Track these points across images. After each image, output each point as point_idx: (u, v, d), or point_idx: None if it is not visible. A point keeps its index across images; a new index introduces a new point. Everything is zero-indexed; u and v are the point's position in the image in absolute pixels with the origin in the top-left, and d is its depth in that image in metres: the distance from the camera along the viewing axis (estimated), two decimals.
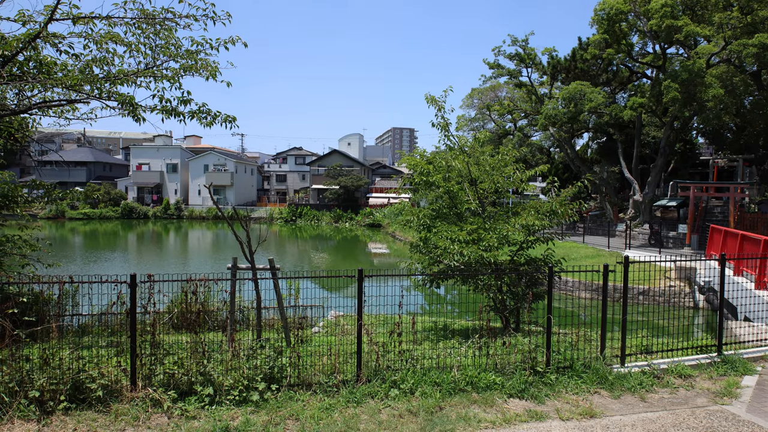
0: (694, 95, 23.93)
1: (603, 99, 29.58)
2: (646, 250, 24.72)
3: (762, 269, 12.20)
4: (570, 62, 34.23)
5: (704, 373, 7.15)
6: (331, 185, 65.79)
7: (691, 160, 40.50)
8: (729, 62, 26.82)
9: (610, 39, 28.62)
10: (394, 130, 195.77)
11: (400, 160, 66.49)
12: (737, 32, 23.86)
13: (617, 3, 27.47)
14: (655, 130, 37.15)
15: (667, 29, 24.30)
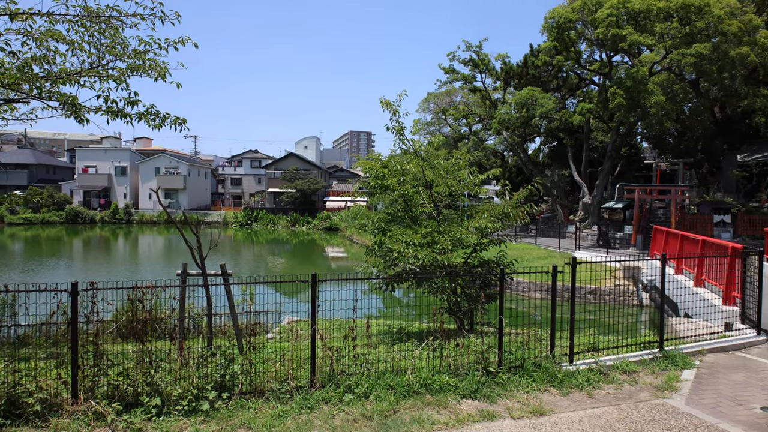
0: (638, 101, 24.99)
1: (553, 104, 30.50)
2: (594, 251, 25.60)
3: (700, 268, 12.82)
4: (522, 68, 35.14)
5: (647, 368, 7.44)
6: (287, 189, 65.07)
7: (636, 163, 42.27)
8: (670, 70, 28.18)
9: (560, 46, 29.55)
10: (351, 133, 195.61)
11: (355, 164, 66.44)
12: (677, 42, 25.09)
13: (566, 12, 28.40)
14: (602, 135, 38.57)
15: (613, 38, 25.30)
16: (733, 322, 9.73)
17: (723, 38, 24.09)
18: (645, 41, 25.26)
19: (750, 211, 28.16)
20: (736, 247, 10.44)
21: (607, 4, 25.75)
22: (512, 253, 25.96)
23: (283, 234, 56.45)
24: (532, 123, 31.90)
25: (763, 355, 8.28)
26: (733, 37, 23.98)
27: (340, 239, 51.52)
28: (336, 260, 38.11)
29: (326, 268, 34.23)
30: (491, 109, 37.79)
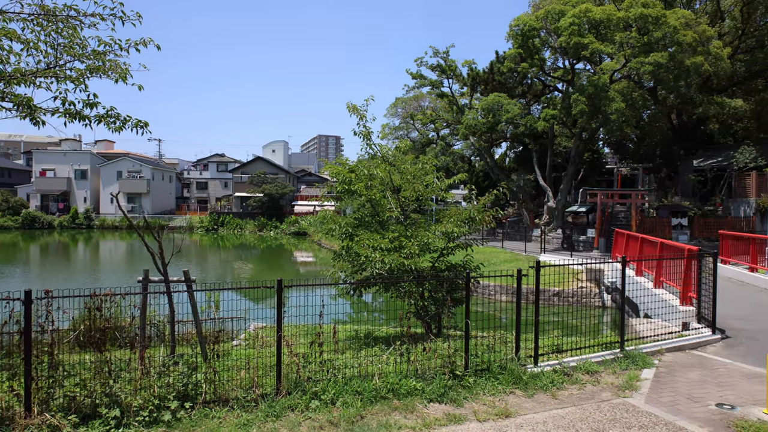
0: (600, 108, 25.68)
1: (519, 110, 31.04)
2: (559, 254, 26.12)
3: (659, 269, 13.23)
4: (488, 74, 35.66)
5: (609, 368, 7.62)
6: (255, 193, 64.30)
7: (598, 168, 43.42)
8: (629, 78, 29.07)
9: (525, 54, 30.13)
10: (320, 137, 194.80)
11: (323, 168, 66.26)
12: (636, 51, 25.92)
13: (530, 20, 28.98)
14: (566, 141, 39.47)
15: (575, 46, 25.95)
16: (690, 321, 10.06)
17: (679, 48, 25.01)
18: (606, 50, 26.00)
19: (705, 215, 29.25)
20: (691, 249, 10.82)
21: (569, 13, 26.40)
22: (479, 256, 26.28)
23: (250, 239, 55.71)
24: (498, 128, 32.38)
25: (717, 353, 8.59)
26: (688, 47, 24.92)
27: (308, 244, 51.16)
28: (304, 265, 37.81)
29: (294, 273, 33.93)
30: (458, 114, 38.21)
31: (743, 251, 17.30)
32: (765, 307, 12.49)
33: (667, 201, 33.08)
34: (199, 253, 43.99)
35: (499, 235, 35.69)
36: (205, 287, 8.21)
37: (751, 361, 8.02)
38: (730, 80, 32.50)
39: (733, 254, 17.91)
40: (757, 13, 30.00)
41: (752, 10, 29.79)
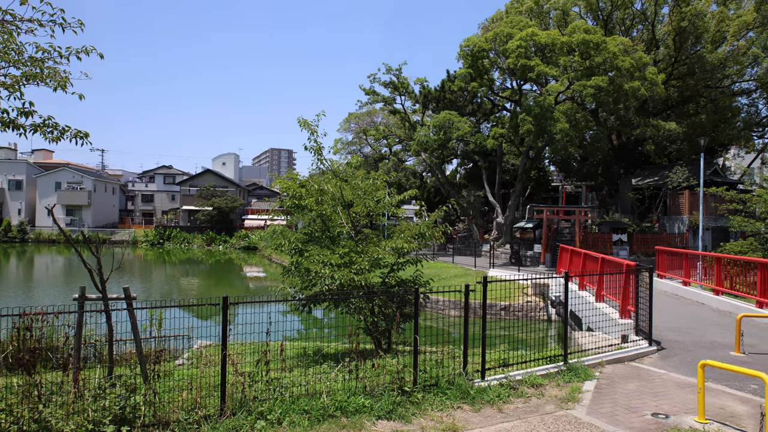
0: (545, 128, 26.66)
1: (469, 128, 31.83)
2: (507, 269, 26.73)
3: (600, 284, 13.76)
4: (440, 92, 36.44)
5: (553, 381, 7.82)
6: (203, 206, 62.72)
7: (544, 185, 44.93)
8: (573, 100, 30.38)
9: (474, 73, 31.00)
10: (272, 150, 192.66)
11: (273, 183, 65.30)
12: (579, 74, 27.16)
13: (480, 41, 29.88)
14: (514, 158, 40.69)
15: (522, 68, 26.92)
16: (628, 334, 10.47)
17: (618, 73, 26.38)
18: (551, 72, 27.10)
19: (643, 231, 30.71)
20: (630, 264, 11.31)
21: (516, 36, 27.41)
22: (430, 271, 26.49)
23: (198, 253, 54.15)
24: (449, 145, 33.04)
25: (654, 364, 8.97)
26: (626, 72, 26.32)
27: (258, 259, 50.22)
28: (254, 280, 37.04)
29: (244, 288, 33.19)
30: (410, 130, 38.76)
31: (678, 266, 18.24)
32: (697, 319, 13.17)
33: (608, 218, 34.52)
34: (143, 269, 42.36)
35: (450, 250, 36.23)
36: (148, 304, 7.90)
37: (684, 371, 8.41)
38: (664, 104, 34.50)
39: (669, 269, 18.85)
40: (687, 42, 32.07)
41: (683, 39, 31.82)
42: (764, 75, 33.19)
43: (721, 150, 39.56)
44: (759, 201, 22.06)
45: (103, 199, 67.97)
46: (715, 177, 31.81)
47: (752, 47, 31.67)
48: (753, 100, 36.69)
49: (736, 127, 34.31)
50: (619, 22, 35.22)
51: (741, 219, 22.43)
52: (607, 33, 31.80)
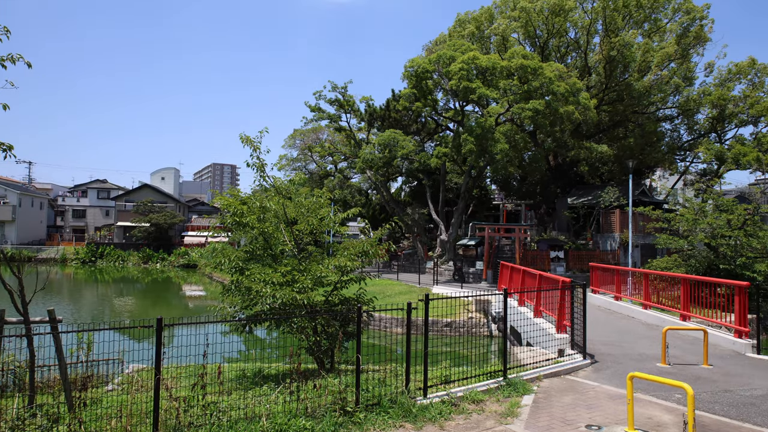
0: (486, 148, 27.50)
1: (414, 147, 32.35)
2: (451, 286, 27.13)
3: (538, 300, 14.21)
4: (385, 111, 36.91)
5: (493, 396, 7.97)
6: (140, 222, 60.24)
7: (486, 204, 46.14)
8: (512, 122, 31.54)
9: (419, 94, 31.65)
10: (214, 165, 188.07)
11: (213, 199, 63.75)
12: (517, 97, 28.27)
13: (424, 63, 30.59)
14: (457, 177, 41.63)
15: (464, 90, 27.73)
16: (565, 348, 10.84)
17: (554, 97, 27.65)
18: (491, 95, 28.06)
19: (578, 248, 32.04)
20: (565, 281, 11.76)
21: (459, 59, 28.25)
22: (375, 289, 26.46)
23: (133, 272, 51.79)
24: (394, 163, 33.43)
25: (588, 377, 9.32)
26: (561, 97, 27.63)
27: (198, 277, 48.63)
28: (194, 300, 35.77)
29: (182, 308, 31.97)
30: (356, 148, 38.95)
31: (610, 281, 19.12)
32: (627, 332, 13.83)
33: (546, 235, 35.82)
34: (73, 289, 40.03)
35: (395, 268, 36.41)
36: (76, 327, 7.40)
37: (616, 383, 8.78)
38: (596, 128, 36.43)
39: (602, 284, 19.72)
40: (617, 70, 34.11)
41: (613, 68, 33.83)
42: (685, 103, 35.75)
43: (648, 171, 42.12)
44: (682, 220, 23.54)
45: (29, 215, 64.02)
46: (643, 197, 33.75)
47: (674, 77, 34.06)
48: (675, 125, 39.43)
49: (660, 151, 36.67)
50: (555, 49, 37.03)
51: (666, 236, 23.85)
52: (543, 59, 33.35)
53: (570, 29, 36.02)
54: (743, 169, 32.79)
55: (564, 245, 31.52)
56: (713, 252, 22.67)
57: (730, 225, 22.14)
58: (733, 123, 35.84)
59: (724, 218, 22.34)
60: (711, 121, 36.46)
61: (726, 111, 34.77)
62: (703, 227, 22.80)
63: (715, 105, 34.92)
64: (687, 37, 34.61)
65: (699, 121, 37.87)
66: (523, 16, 34.07)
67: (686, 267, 22.27)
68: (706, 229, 22.72)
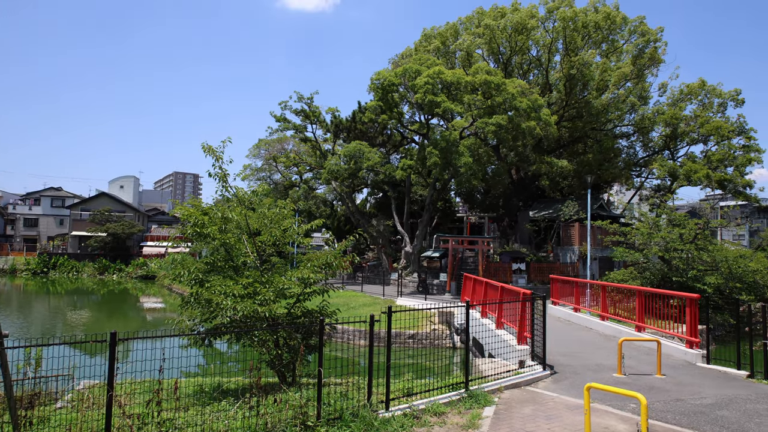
0: (451, 161, 27.86)
1: (379, 159, 32.51)
2: (415, 297, 27.22)
3: (500, 311, 14.40)
4: (351, 123, 37.02)
5: (455, 408, 8.00)
6: (97, 232, 58.29)
7: (450, 216, 46.63)
8: (476, 136, 32.09)
9: (385, 106, 31.89)
10: (176, 174, 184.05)
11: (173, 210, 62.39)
12: (481, 112, 28.82)
13: (390, 76, 30.88)
14: (422, 189, 42.00)
15: (429, 103, 28.10)
16: (525, 359, 11.01)
17: (516, 112, 28.31)
18: (456, 109, 28.53)
19: (540, 260, 32.69)
20: (526, 293, 11.96)
21: (424, 73, 28.65)
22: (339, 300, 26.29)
23: (88, 283, 49.97)
24: (359, 175, 33.47)
25: (548, 388, 9.47)
26: (523, 112, 28.31)
27: (157, 288, 47.29)
28: (152, 312, 34.75)
29: (140, 321, 31.00)
30: (321, 159, 38.87)
31: (569, 293, 19.57)
32: (586, 343, 14.15)
33: (508, 248, 36.42)
34: (23, 301, 38.31)
35: (359, 279, 36.31)
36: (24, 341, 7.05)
37: (574, 393, 8.96)
38: (557, 143, 37.46)
39: (562, 296, 20.16)
40: (576, 88, 35.24)
41: (573, 85, 34.95)
42: (640, 121, 37.20)
43: (606, 186, 43.51)
44: (637, 233, 24.36)
45: None
46: (601, 211, 34.78)
47: (630, 96, 35.43)
48: (632, 142, 40.94)
49: (618, 167, 37.96)
50: (518, 66, 38.00)
51: (623, 250, 24.61)
52: (506, 75, 34.17)
53: (532, 47, 37.05)
54: (694, 185, 34.24)
55: (526, 257, 32.11)
56: (667, 265, 23.52)
57: (683, 239, 23.03)
58: (684, 141, 37.43)
59: (677, 232, 23.23)
60: (664, 138, 37.99)
61: (678, 129, 36.31)
62: (657, 241, 23.64)
63: (668, 123, 36.42)
64: (642, 58, 36.11)
65: (653, 138, 39.43)
66: (487, 33, 34.87)
67: (641, 279, 23.02)
68: (660, 243, 23.57)
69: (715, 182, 33.47)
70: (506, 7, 37.41)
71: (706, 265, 22.63)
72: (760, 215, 48.04)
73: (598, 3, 36.89)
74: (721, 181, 33.58)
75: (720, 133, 34.11)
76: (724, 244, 28.44)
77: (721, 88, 36.48)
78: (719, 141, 34.82)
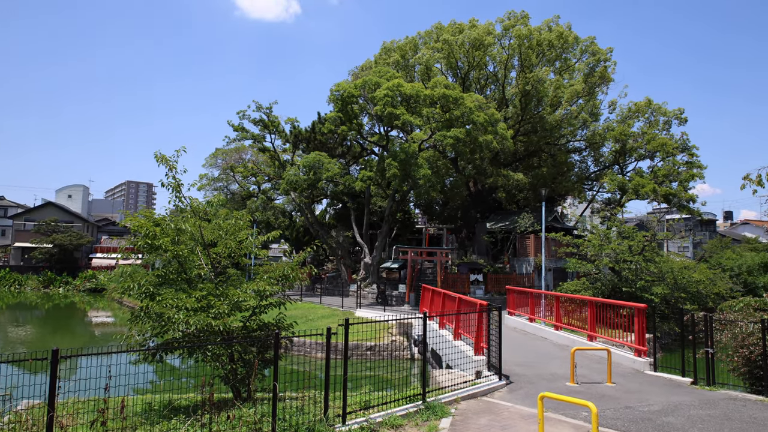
0: (410, 173, 28.10)
1: (339, 170, 32.45)
2: (374, 309, 27.16)
3: (457, 322, 14.53)
4: (310, 133, 36.86)
5: (412, 420, 7.99)
6: (42, 243, 55.64)
7: (410, 227, 46.93)
8: (435, 148, 32.53)
9: (344, 117, 31.93)
10: (128, 183, 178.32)
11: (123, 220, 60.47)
12: (440, 125, 29.25)
13: (349, 87, 30.99)
14: (381, 200, 42.15)
15: (389, 116, 28.32)
16: (482, 370, 11.13)
17: (474, 126, 28.87)
18: (415, 121, 28.86)
19: (497, 271, 33.24)
20: (482, 303, 12.13)
21: (384, 85, 28.88)
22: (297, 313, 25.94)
23: (32, 297, 47.56)
24: (318, 186, 33.31)
25: (503, 398, 9.60)
26: (481, 126, 28.91)
27: (107, 302, 45.49)
28: (101, 327, 33.36)
29: (87, 336, 29.69)
30: (280, 169, 38.49)
31: (525, 304, 19.95)
32: (540, 353, 14.43)
33: (466, 259, 36.89)
34: None
35: (318, 291, 35.98)
36: None
37: (528, 403, 9.11)
38: (513, 157, 38.39)
39: (518, 306, 20.53)
40: (531, 104, 36.31)
41: (528, 101, 35.99)
42: (592, 137, 38.60)
43: (560, 199, 44.82)
44: (589, 245, 25.14)
45: None
46: (555, 223, 35.75)
47: (582, 112, 36.75)
48: (584, 157, 42.42)
49: (570, 180, 39.21)
50: (475, 81, 38.85)
51: (575, 261, 25.34)
52: (464, 90, 34.86)
53: (489, 63, 37.98)
54: (642, 199, 35.68)
55: (483, 269, 32.59)
56: (617, 275, 24.33)
57: (631, 251, 23.91)
58: (633, 156, 39.03)
59: (626, 244, 24.10)
60: (614, 154, 39.51)
61: (627, 145, 37.85)
62: (607, 252, 24.45)
63: (618, 140, 37.92)
64: (593, 77, 37.56)
65: (604, 153, 40.96)
66: (446, 48, 35.53)
67: (593, 290, 23.73)
68: (611, 254, 24.39)
69: (661, 196, 34.98)
70: (464, 23, 38.29)
71: (654, 276, 23.54)
72: (702, 228, 50.49)
73: (552, 22, 38.27)
74: (667, 196, 35.12)
75: (665, 150, 35.72)
76: (670, 256, 29.73)
77: (666, 107, 38.33)
78: (665, 157, 36.46)
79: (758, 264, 33.20)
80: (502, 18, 37.66)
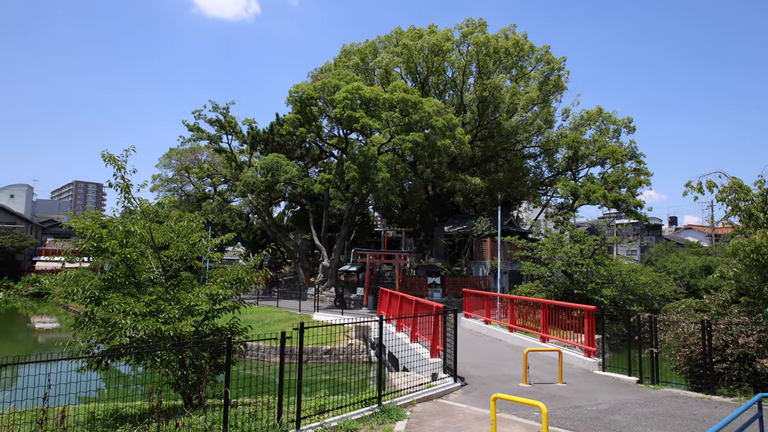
0: (369, 176, 28.11)
1: (297, 172, 32.13)
2: (332, 312, 27.00)
3: (414, 325, 14.61)
4: (269, 135, 36.37)
5: (367, 424, 7.96)
6: None
7: (368, 230, 46.94)
8: (394, 152, 32.69)
9: (303, 119, 31.67)
10: (76, 183, 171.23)
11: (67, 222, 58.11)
12: (399, 129, 29.41)
13: (309, 89, 30.77)
14: (340, 203, 41.96)
15: (348, 118, 28.26)
16: (438, 372, 11.22)
17: (432, 131, 29.17)
18: (374, 125, 28.91)
19: (454, 274, 33.66)
20: (438, 306, 12.24)
21: (343, 88, 28.81)
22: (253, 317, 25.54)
23: None
24: (276, 188, 32.89)
25: (458, 399, 9.70)
26: (439, 131, 29.23)
27: (51, 307, 43.50)
28: (45, 333, 31.88)
29: (30, 343, 28.34)
30: (237, 171, 37.80)
31: (481, 306, 20.26)
32: (495, 354, 14.68)
33: (424, 262, 37.22)
34: None
35: (275, 294, 35.47)
36: None
37: (482, 404, 9.23)
38: (471, 161, 38.98)
39: (474, 309, 20.83)
40: (488, 110, 37.00)
41: (485, 107, 36.66)
42: (546, 143, 39.65)
43: (516, 204, 45.82)
44: (543, 249, 25.77)
45: None
46: (511, 227, 36.51)
47: (537, 119, 37.71)
48: (538, 163, 43.53)
49: (526, 185, 40.15)
50: (434, 86, 39.28)
51: (530, 264, 25.93)
52: (423, 94, 35.16)
53: (448, 69, 38.48)
54: (593, 204, 36.89)
55: (441, 271, 32.92)
56: (569, 278, 25.04)
57: (583, 254, 24.65)
58: (585, 163, 40.32)
59: (578, 248, 24.84)
60: (567, 160, 40.71)
61: (579, 152, 39.07)
62: (560, 256, 25.14)
63: (571, 146, 39.10)
64: (547, 85, 38.62)
65: (558, 159, 42.13)
66: (405, 53, 35.79)
67: (547, 292, 24.34)
68: (563, 258, 25.08)
69: (610, 202, 36.25)
70: (423, 28, 38.68)
71: (603, 279, 24.35)
72: (649, 233, 52.57)
73: (509, 31, 39.14)
74: (616, 201, 36.42)
75: (615, 157, 37.06)
76: (619, 259, 30.81)
77: (616, 116, 39.77)
78: (614, 164, 37.82)
79: (700, 267, 34.85)
80: (461, 25, 38.25)
